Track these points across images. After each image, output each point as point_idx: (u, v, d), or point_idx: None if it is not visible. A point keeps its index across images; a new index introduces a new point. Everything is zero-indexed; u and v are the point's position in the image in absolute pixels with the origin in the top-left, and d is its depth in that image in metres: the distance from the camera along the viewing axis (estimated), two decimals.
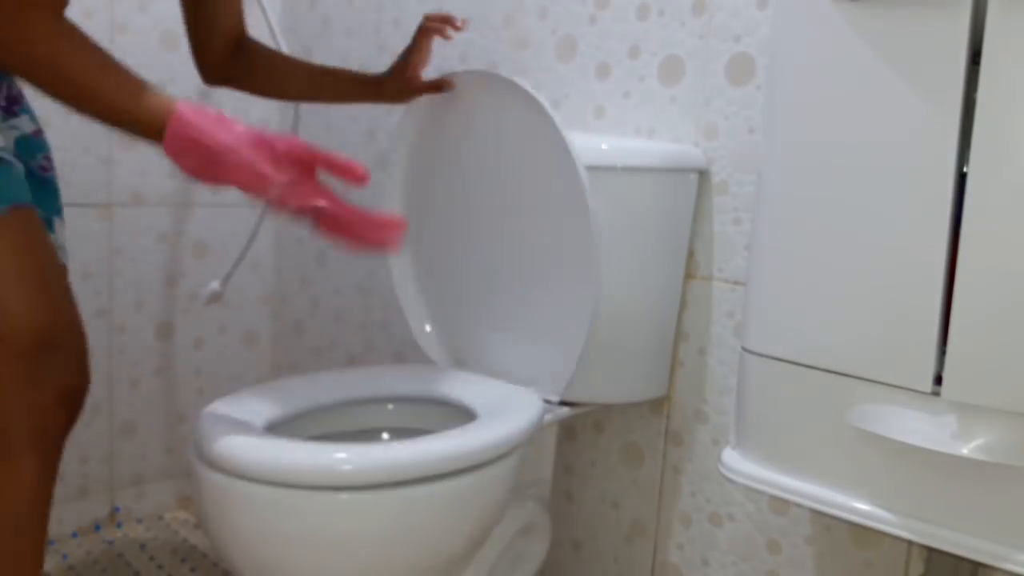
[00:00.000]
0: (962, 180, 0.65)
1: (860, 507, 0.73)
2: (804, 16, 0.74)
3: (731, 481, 0.82)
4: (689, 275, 1.17)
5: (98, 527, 1.67)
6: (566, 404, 1.13)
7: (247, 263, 1.84)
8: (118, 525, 1.69)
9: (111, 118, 0.80)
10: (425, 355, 1.30)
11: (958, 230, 0.65)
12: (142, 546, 1.61)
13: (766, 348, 0.79)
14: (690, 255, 1.16)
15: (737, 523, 1.14)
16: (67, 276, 0.97)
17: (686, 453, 1.19)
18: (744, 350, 0.82)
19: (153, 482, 1.75)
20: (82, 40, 0.79)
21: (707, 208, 1.14)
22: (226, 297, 1.81)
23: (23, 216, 0.88)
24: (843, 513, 0.74)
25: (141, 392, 1.72)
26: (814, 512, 0.94)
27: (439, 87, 1.17)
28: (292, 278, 1.88)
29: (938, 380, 0.68)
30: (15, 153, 0.93)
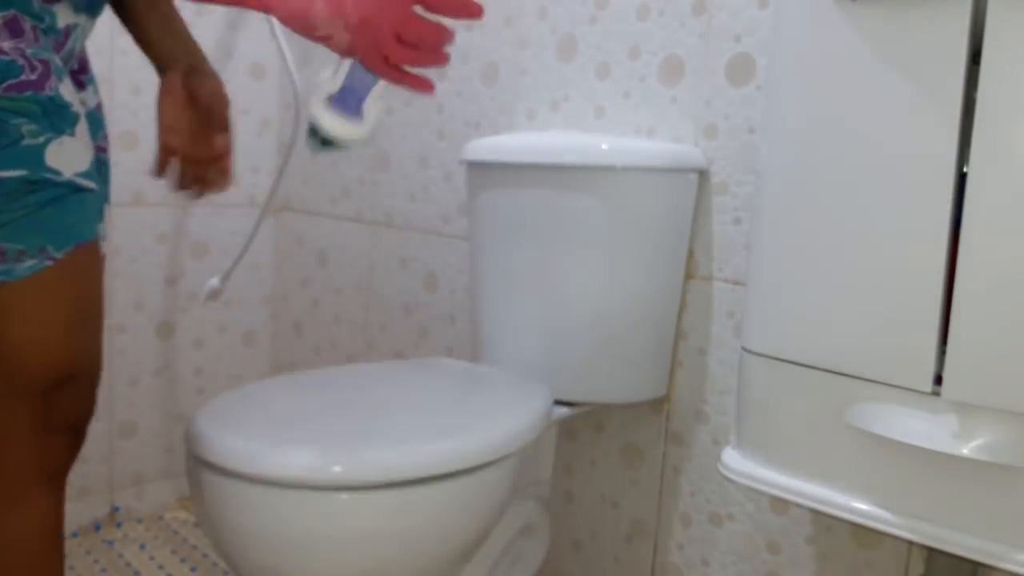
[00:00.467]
0: (962, 180, 0.65)
1: (860, 507, 0.73)
2: (804, 16, 0.74)
3: (731, 481, 0.82)
4: (689, 275, 1.17)
5: (98, 527, 1.67)
6: (566, 404, 1.13)
7: (247, 263, 1.84)
8: (118, 525, 1.69)
9: None
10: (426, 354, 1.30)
11: (958, 230, 0.65)
12: (142, 546, 1.61)
13: (766, 348, 0.79)
14: (690, 255, 1.16)
15: (737, 523, 1.14)
16: (102, 311, 0.87)
17: (686, 453, 1.19)
18: (744, 350, 0.82)
19: (153, 482, 1.75)
20: None
21: (707, 208, 1.14)
22: (226, 297, 1.81)
23: (87, 253, 0.80)
24: (843, 513, 0.74)
25: (141, 392, 1.72)
26: (814, 512, 0.94)
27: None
28: (292, 278, 1.88)
29: (938, 380, 0.67)
30: (97, 167, 0.82)
